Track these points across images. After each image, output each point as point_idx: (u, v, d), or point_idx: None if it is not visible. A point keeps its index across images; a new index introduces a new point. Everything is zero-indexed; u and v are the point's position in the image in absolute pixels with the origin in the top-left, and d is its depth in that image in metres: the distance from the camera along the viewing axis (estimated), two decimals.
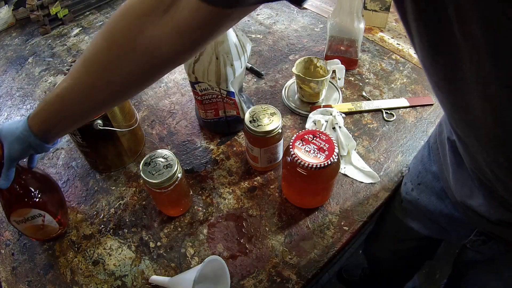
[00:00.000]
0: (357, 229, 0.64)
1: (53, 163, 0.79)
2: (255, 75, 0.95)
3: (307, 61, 0.82)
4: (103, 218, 0.69)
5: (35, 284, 0.61)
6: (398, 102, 0.84)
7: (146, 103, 0.91)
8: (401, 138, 0.78)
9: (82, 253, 0.64)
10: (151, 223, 0.68)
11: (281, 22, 1.13)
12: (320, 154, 0.57)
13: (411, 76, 0.92)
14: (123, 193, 0.73)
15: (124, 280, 0.61)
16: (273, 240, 0.64)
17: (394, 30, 1.06)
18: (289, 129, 0.81)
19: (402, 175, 0.71)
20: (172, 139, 0.82)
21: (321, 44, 1.03)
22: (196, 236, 0.65)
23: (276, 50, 1.03)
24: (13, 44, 1.15)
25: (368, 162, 0.74)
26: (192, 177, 0.74)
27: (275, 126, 0.63)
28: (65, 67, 1.04)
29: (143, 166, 0.59)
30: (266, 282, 0.59)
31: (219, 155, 0.77)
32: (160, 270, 0.62)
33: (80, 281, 0.61)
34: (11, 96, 0.97)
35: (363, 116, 0.83)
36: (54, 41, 1.13)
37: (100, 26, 1.18)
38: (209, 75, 0.66)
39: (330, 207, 0.68)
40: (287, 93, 0.88)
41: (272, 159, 0.71)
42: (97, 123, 0.65)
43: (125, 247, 0.65)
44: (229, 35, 0.63)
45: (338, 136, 0.74)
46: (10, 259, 0.65)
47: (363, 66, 0.95)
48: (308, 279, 0.59)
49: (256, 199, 0.69)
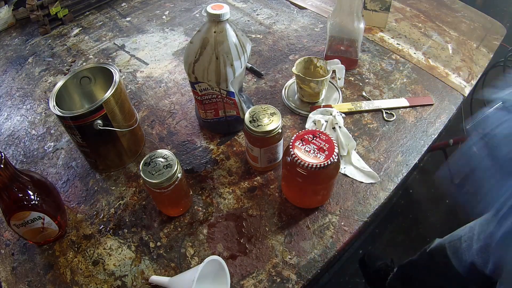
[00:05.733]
0: (357, 229, 0.64)
1: (53, 163, 0.79)
2: (255, 75, 0.95)
3: (307, 61, 0.82)
4: (103, 218, 0.69)
5: (35, 284, 0.61)
6: (398, 102, 0.84)
7: (146, 103, 0.91)
8: (401, 138, 0.78)
9: (82, 253, 0.64)
10: (151, 223, 0.68)
11: (281, 22, 1.13)
12: (320, 154, 0.57)
13: (411, 76, 0.92)
14: (123, 193, 0.73)
15: (124, 280, 0.61)
16: (273, 240, 0.64)
17: (394, 30, 1.06)
18: (289, 129, 0.81)
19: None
20: (172, 139, 0.82)
21: (321, 44, 1.03)
22: (196, 236, 0.65)
23: (276, 50, 1.02)
24: (13, 44, 1.15)
25: (368, 162, 0.74)
26: (192, 177, 0.74)
27: (275, 126, 0.63)
28: (65, 67, 1.04)
29: (143, 166, 0.59)
30: (266, 282, 0.59)
31: (219, 155, 0.77)
32: (160, 270, 0.62)
33: (80, 281, 0.61)
34: (11, 96, 0.97)
35: (363, 116, 0.83)
36: (54, 41, 1.14)
37: (100, 26, 1.18)
38: (209, 75, 0.66)
39: (330, 207, 0.68)
40: (287, 93, 0.88)
41: (272, 159, 0.71)
42: (97, 123, 0.65)
43: (125, 247, 0.65)
44: (229, 35, 0.63)
45: (338, 136, 0.74)
46: (10, 259, 0.65)
47: (363, 66, 0.95)
48: (308, 279, 0.59)
49: (256, 199, 0.69)
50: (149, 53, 1.06)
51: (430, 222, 1.50)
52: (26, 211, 0.58)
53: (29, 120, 0.90)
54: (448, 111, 0.83)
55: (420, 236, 1.45)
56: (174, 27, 1.15)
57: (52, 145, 0.83)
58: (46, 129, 0.87)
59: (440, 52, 0.99)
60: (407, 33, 1.05)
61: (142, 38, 1.12)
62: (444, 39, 1.03)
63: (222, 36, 0.63)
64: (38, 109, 0.93)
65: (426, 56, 0.97)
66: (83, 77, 0.73)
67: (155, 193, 0.60)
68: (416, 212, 1.53)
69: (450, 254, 0.82)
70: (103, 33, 1.15)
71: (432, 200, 1.58)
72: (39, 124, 0.88)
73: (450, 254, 0.82)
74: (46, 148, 0.82)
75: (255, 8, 1.20)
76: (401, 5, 1.16)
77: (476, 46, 1.01)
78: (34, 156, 0.81)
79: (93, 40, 1.12)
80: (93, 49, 1.09)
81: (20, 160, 0.81)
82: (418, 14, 1.13)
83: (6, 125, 0.89)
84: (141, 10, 1.24)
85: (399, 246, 1.43)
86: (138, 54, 1.06)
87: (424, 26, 1.08)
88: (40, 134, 0.86)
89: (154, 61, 1.03)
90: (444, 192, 1.56)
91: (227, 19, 0.62)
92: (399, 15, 1.12)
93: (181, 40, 1.10)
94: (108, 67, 0.71)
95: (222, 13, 0.60)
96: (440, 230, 0.92)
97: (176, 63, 1.01)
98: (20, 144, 0.84)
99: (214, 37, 0.63)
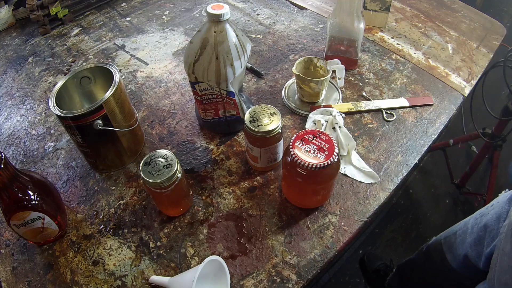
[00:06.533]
0: (357, 229, 0.64)
1: (53, 163, 0.79)
2: (255, 75, 0.95)
3: (307, 61, 0.82)
4: (103, 218, 0.69)
5: (35, 284, 0.61)
6: (398, 102, 0.84)
7: (146, 103, 0.91)
8: (401, 138, 0.78)
9: (82, 253, 0.64)
10: (151, 223, 0.68)
11: (281, 22, 1.13)
12: (320, 154, 0.57)
13: (411, 76, 0.92)
14: (123, 193, 0.73)
15: (124, 280, 0.61)
16: (273, 240, 0.64)
17: (394, 30, 1.06)
18: (289, 129, 0.81)
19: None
20: (172, 139, 0.82)
21: (321, 44, 1.03)
22: (196, 236, 0.65)
23: (276, 50, 1.02)
24: (13, 44, 1.15)
25: (368, 162, 0.74)
26: (192, 177, 0.74)
27: (275, 126, 0.63)
28: (65, 67, 1.04)
29: (143, 166, 0.59)
30: (266, 282, 0.59)
31: (219, 155, 0.77)
32: (160, 270, 0.62)
33: (80, 281, 0.61)
34: (11, 96, 0.97)
35: (363, 116, 0.83)
36: (54, 41, 1.14)
37: (100, 26, 1.18)
38: (209, 75, 0.66)
39: (330, 207, 0.68)
40: (287, 93, 0.88)
41: (272, 159, 0.71)
42: (97, 123, 0.65)
43: (125, 247, 0.65)
44: (229, 35, 0.63)
45: (338, 136, 0.74)
46: (10, 259, 0.65)
47: (363, 66, 0.95)
48: (308, 279, 0.59)
49: (256, 199, 0.69)
50: (149, 53, 1.06)
51: (430, 222, 1.50)
52: (26, 211, 0.58)
53: (29, 120, 0.90)
54: (448, 111, 0.83)
55: (420, 236, 1.45)
56: (174, 27, 1.15)
57: (52, 145, 0.83)
58: (46, 129, 0.87)
59: (440, 52, 0.99)
60: (407, 33, 1.05)
61: (142, 38, 1.12)
62: (444, 39, 1.03)
63: (222, 36, 0.63)
64: (38, 109, 0.93)
65: (426, 56, 0.98)
66: (83, 77, 0.73)
67: (155, 193, 0.60)
68: (416, 212, 1.53)
69: (445, 250, 0.83)
70: (103, 33, 1.15)
71: (432, 200, 1.58)
72: (39, 124, 0.88)
73: (446, 250, 0.83)
74: (46, 148, 0.82)
75: (255, 8, 1.20)
76: (401, 5, 1.16)
77: (476, 46, 1.01)
78: (34, 156, 0.81)
79: (93, 40, 1.12)
80: (93, 49, 1.09)
81: (20, 160, 0.81)
82: (418, 14, 1.13)
83: (6, 125, 0.89)
84: (141, 10, 1.24)
85: (399, 246, 1.43)
86: (138, 54, 1.06)
87: (424, 26, 1.08)
88: (40, 134, 0.86)
89: (154, 61, 1.03)
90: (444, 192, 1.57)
91: (227, 19, 0.62)
92: (399, 15, 1.12)
93: (181, 40, 1.10)
94: (108, 67, 0.71)
95: (222, 13, 0.60)
96: (440, 230, 0.92)
97: (176, 63, 1.01)
98: (20, 144, 0.84)
99: (214, 37, 0.63)
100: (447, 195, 1.58)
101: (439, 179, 1.63)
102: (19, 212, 0.57)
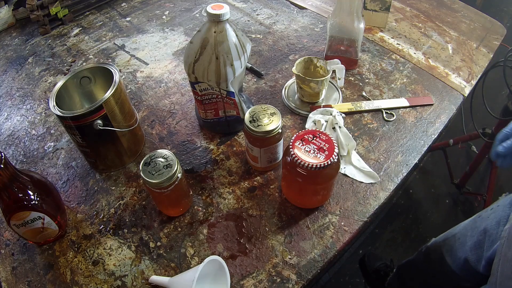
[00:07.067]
0: (357, 229, 0.64)
1: (53, 163, 0.79)
2: (255, 75, 0.95)
3: (307, 61, 0.82)
4: (103, 218, 0.69)
5: (35, 284, 0.61)
6: (398, 102, 0.84)
7: (146, 103, 0.91)
8: (401, 138, 0.78)
9: (82, 253, 0.64)
10: (151, 223, 0.68)
11: (281, 22, 1.13)
12: (320, 154, 0.57)
13: (411, 76, 0.92)
14: (123, 193, 0.73)
15: (124, 280, 0.61)
16: (273, 240, 0.64)
17: (394, 30, 1.06)
18: (289, 129, 0.81)
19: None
20: (172, 139, 0.82)
21: (321, 44, 1.03)
22: (196, 236, 0.65)
23: (276, 50, 1.03)
24: (13, 44, 1.15)
25: (368, 162, 0.74)
26: (192, 177, 0.74)
27: (275, 126, 0.63)
28: (65, 67, 1.04)
29: (143, 166, 0.59)
30: (266, 282, 0.59)
31: (219, 155, 0.77)
32: (160, 270, 0.62)
33: (80, 281, 0.61)
34: (11, 96, 0.97)
35: (363, 116, 0.83)
36: (54, 41, 1.14)
37: (100, 26, 1.18)
38: (209, 75, 0.66)
39: (330, 207, 0.68)
40: (287, 93, 0.88)
41: (272, 159, 0.71)
42: (97, 123, 0.65)
43: (125, 247, 0.65)
44: (229, 35, 0.63)
45: (338, 136, 0.74)
46: (10, 259, 0.65)
47: (363, 66, 0.95)
48: (308, 279, 0.59)
49: (256, 199, 0.69)
50: (149, 53, 1.06)
51: (430, 222, 1.50)
52: (26, 211, 0.58)
53: (29, 120, 0.90)
54: (448, 111, 0.83)
55: (420, 236, 1.45)
56: (174, 27, 1.15)
57: (52, 145, 0.83)
58: (46, 129, 0.87)
59: (440, 52, 0.99)
60: (407, 33, 1.05)
61: (142, 38, 1.12)
62: (444, 39, 1.03)
63: (222, 36, 0.63)
64: (38, 109, 0.93)
65: (426, 56, 0.98)
66: (83, 77, 0.73)
67: (155, 193, 0.60)
68: (416, 212, 1.53)
69: (444, 252, 0.83)
70: (103, 33, 1.15)
71: (432, 200, 1.58)
72: (39, 124, 0.88)
73: (445, 252, 0.83)
74: (46, 148, 0.82)
75: (255, 8, 1.20)
76: (401, 5, 1.16)
77: (476, 46, 1.01)
78: (34, 156, 0.81)
79: (93, 40, 1.12)
80: (93, 49, 1.09)
81: (20, 160, 0.81)
82: (418, 14, 1.13)
83: (6, 125, 0.89)
84: (141, 10, 1.24)
85: (399, 246, 1.43)
86: (138, 54, 1.06)
87: (424, 26, 1.08)
88: (40, 134, 0.86)
89: (154, 61, 1.03)
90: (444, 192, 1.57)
91: (227, 19, 0.62)
92: (399, 15, 1.12)
93: (181, 40, 1.10)
94: (108, 67, 0.71)
95: (222, 13, 0.60)
96: (440, 230, 0.92)
97: (176, 63, 1.01)
98: (20, 144, 0.84)
99: (214, 37, 0.63)
100: (447, 195, 1.58)
101: (439, 179, 1.63)
102: (19, 212, 0.57)
